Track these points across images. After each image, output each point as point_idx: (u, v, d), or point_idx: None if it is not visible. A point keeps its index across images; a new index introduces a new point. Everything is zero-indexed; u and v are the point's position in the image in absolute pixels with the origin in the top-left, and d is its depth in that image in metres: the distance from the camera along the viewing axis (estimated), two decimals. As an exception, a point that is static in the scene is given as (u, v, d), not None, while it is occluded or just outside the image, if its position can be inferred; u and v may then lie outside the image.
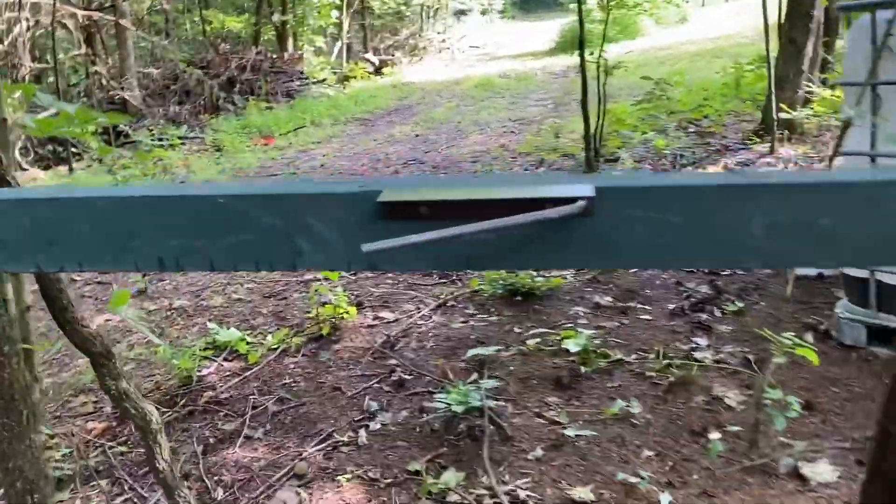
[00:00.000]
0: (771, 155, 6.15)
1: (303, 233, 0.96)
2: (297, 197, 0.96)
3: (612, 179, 0.93)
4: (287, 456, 2.85)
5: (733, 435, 2.68)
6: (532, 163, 7.22)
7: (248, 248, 0.99)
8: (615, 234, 0.92)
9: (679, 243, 0.91)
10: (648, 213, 0.90)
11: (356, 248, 0.95)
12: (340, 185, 0.99)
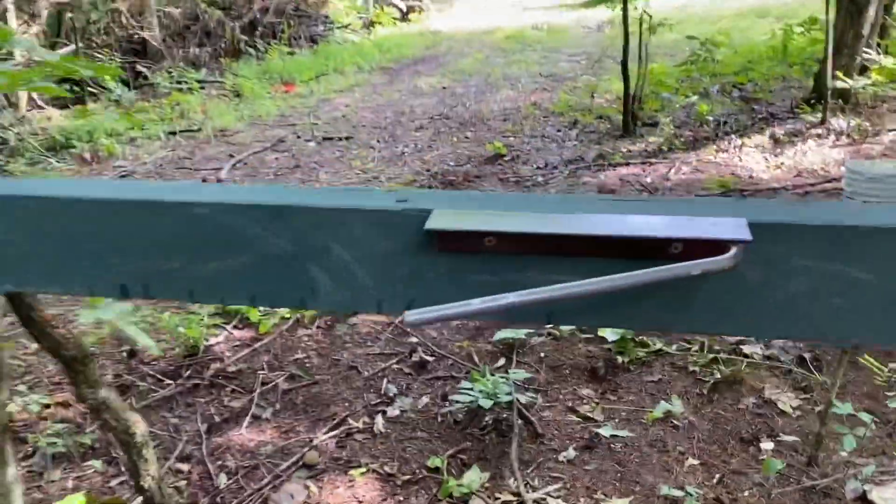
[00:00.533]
0: (822, 125, 5.76)
1: (319, 260, 0.69)
2: (313, 211, 0.69)
3: (767, 210, 0.65)
4: (297, 441, 2.64)
5: (789, 447, 2.42)
6: (565, 124, 6.86)
7: (243, 276, 0.72)
8: (766, 292, 0.64)
9: (863, 309, 0.63)
10: (822, 263, 0.62)
11: (392, 288, 0.69)
12: (372, 196, 0.71)
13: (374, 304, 0.71)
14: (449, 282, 0.69)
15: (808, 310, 0.64)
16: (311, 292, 0.71)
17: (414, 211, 0.67)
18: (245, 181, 5.97)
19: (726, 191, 4.80)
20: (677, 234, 0.61)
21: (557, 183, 5.27)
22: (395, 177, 5.72)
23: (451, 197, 0.70)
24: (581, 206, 0.67)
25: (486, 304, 0.54)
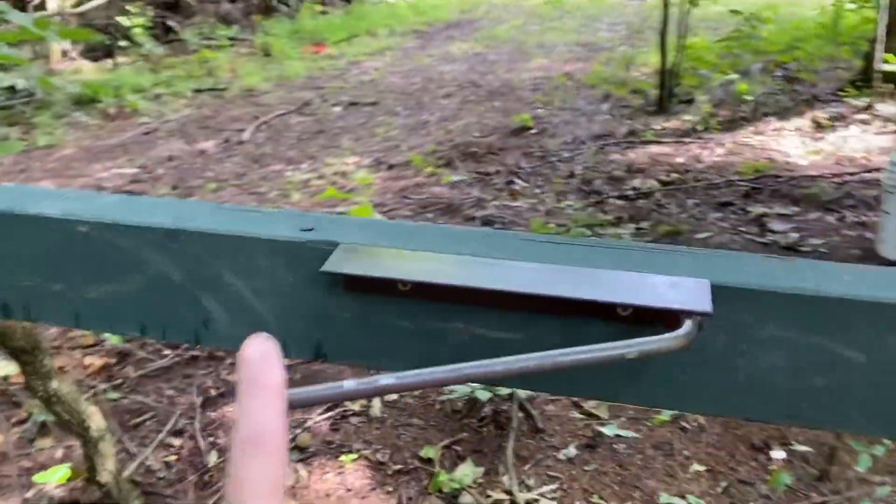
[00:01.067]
0: (867, 111, 5.48)
1: (215, 292, 0.59)
2: (211, 237, 0.58)
3: (737, 268, 0.53)
4: (291, 421, 2.57)
5: (800, 457, 2.29)
6: (598, 97, 6.65)
7: (134, 302, 0.62)
8: (732, 365, 0.53)
9: (849, 391, 0.52)
10: (802, 336, 0.51)
11: (297, 328, 0.59)
12: (278, 221, 0.60)
13: (279, 346, 0.60)
14: (360, 325, 0.58)
15: (783, 388, 0.52)
16: (205, 326, 0.61)
17: (320, 243, 0.56)
18: (267, 145, 5.89)
19: (760, 175, 4.59)
20: (624, 299, 0.49)
21: (584, 160, 5.10)
22: (416, 146, 5.59)
23: (365, 226, 0.59)
24: (510, 245, 0.56)
25: (360, 386, 0.43)
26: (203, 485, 2.30)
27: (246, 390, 0.35)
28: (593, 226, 3.98)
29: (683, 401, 0.55)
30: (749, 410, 0.54)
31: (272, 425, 0.34)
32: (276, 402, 0.35)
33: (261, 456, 0.33)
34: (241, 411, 0.35)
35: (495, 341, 0.55)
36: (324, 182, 4.96)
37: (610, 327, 0.53)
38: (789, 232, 3.87)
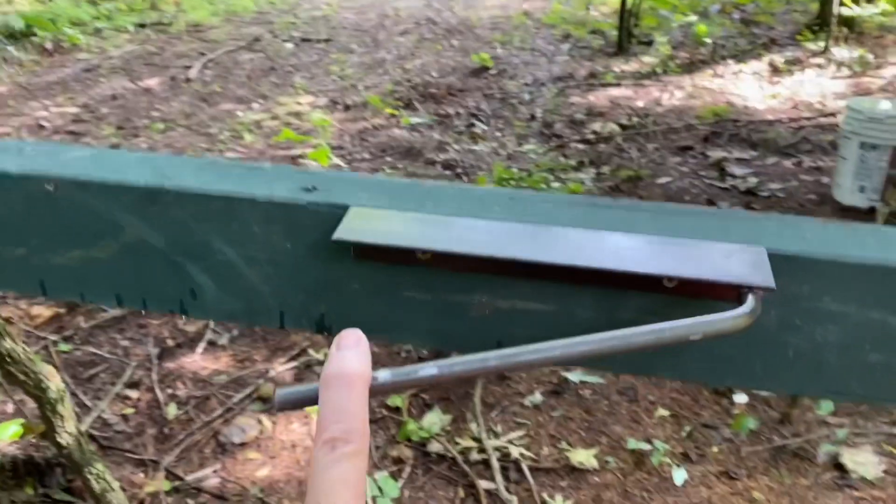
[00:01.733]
0: (823, 55, 5.51)
1: (202, 260, 0.53)
2: (197, 198, 0.51)
3: (792, 234, 0.48)
4: (253, 372, 2.51)
5: (763, 401, 2.33)
6: (557, 37, 6.54)
7: (107, 269, 0.56)
8: (784, 339, 0.49)
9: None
10: (861, 310, 0.47)
11: (297, 299, 0.53)
12: (274, 179, 0.53)
13: (275, 317, 0.54)
14: (371, 296, 0.52)
15: (834, 364, 0.49)
16: (192, 296, 0.55)
17: (324, 206, 0.49)
18: (216, 82, 5.66)
19: (719, 119, 4.60)
20: (672, 271, 0.44)
21: (544, 102, 5.03)
22: (373, 86, 5.43)
23: (374, 186, 0.52)
24: (540, 208, 0.50)
25: (398, 377, 0.38)
26: (163, 438, 2.24)
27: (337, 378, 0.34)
28: (555, 170, 3.94)
29: (725, 377, 0.51)
30: (794, 387, 0.50)
31: (360, 418, 0.32)
32: (365, 393, 0.34)
33: (353, 457, 0.31)
34: (330, 402, 0.33)
35: (520, 314, 0.50)
36: (277, 123, 4.80)
37: (648, 299, 0.48)
38: (748, 176, 3.89)
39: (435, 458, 2.14)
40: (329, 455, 0.31)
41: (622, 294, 0.48)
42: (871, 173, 3.30)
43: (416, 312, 0.51)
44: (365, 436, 0.32)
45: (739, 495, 1.99)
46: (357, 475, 0.31)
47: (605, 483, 2.04)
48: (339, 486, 0.30)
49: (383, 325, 0.53)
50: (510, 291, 0.49)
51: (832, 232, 0.47)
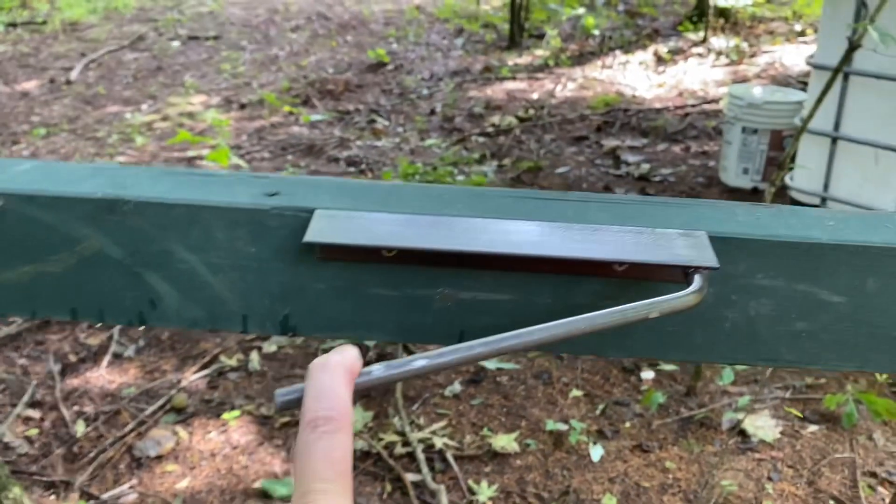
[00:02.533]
0: (703, 44, 5.81)
1: (163, 268, 0.52)
2: (157, 207, 0.51)
3: (726, 218, 0.53)
4: (163, 383, 2.44)
5: (668, 376, 2.46)
6: (451, 31, 6.60)
7: (62, 284, 0.55)
8: (721, 314, 0.54)
9: (829, 333, 0.54)
10: (789, 284, 0.52)
11: (261, 303, 0.53)
12: (234, 184, 0.53)
13: (238, 322, 0.55)
14: (336, 295, 0.53)
15: (766, 334, 0.54)
16: (152, 306, 0.54)
17: (288, 210, 0.50)
18: (100, 84, 5.40)
19: (610, 109, 4.78)
20: (623, 256, 0.47)
21: (443, 96, 5.08)
22: (268, 84, 5.33)
23: (335, 189, 0.53)
24: (498, 203, 0.53)
25: (391, 370, 0.39)
26: (73, 457, 2.15)
27: (324, 366, 0.35)
28: (459, 163, 3.99)
29: (670, 351, 0.55)
30: (731, 357, 0.55)
31: (344, 401, 0.33)
32: (350, 381, 0.35)
33: (336, 433, 0.32)
34: (316, 385, 0.34)
35: (482, 304, 0.53)
36: (169, 124, 4.64)
37: (601, 285, 0.52)
38: (641, 163, 4.07)
39: (359, 455, 2.15)
40: (311, 434, 0.32)
41: (577, 281, 0.52)
42: (754, 156, 3.53)
43: (381, 309, 0.53)
44: (347, 416, 0.33)
45: (653, 466, 2.10)
46: (341, 451, 0.32)
47: (527, 465, 2.10)
48: (321, 462, 0.31)
49: (349, 323, 0.54)
50: (472, 283, 0.52)
51: (761, 215, 0.52)
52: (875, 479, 2.04)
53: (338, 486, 0.31)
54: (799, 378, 2.42)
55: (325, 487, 0.30)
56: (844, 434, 2.20)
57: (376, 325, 0.54)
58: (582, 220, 0.51)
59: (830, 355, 0.54)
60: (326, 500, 0.30)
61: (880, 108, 2.77)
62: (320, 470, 0.31)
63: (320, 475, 0.31)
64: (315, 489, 0.30)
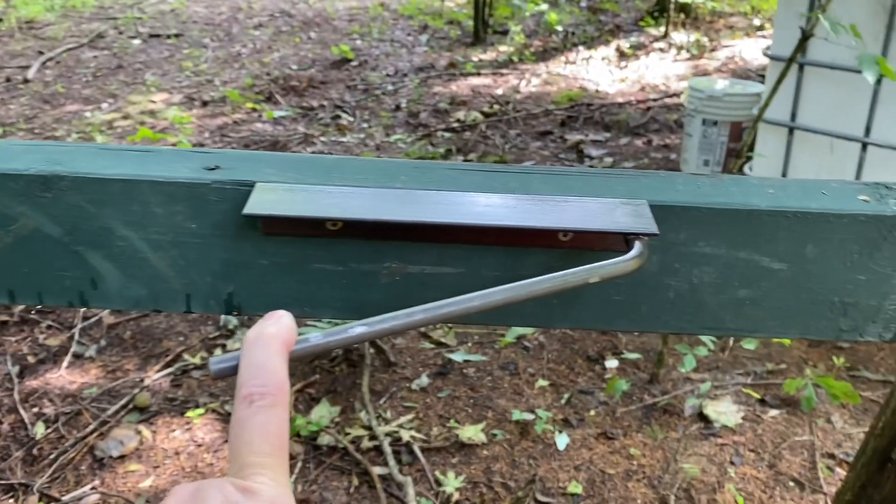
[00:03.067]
0: (664, 39, 5.88)
1: (102, 246, 0.51)
2: (95, 182, 0.50)
3: (668, 188, 0.53)
4: (126, 382, 2.40)
5: (632, 364, 2.49)
6: (415, 27, 6.59)
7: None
8: (665, 283, 0.54)
9: (771, 300, 0.55)
10: (730, 251, 0.53)
11: (204, 280, 0.52)
12: (173, 159, 0.53)
13: (181, 301, 0.54)
14: (280, 272, 0.53)
15: (710, 302, 0.54)
16: (93, 286, 0.53)
17: (228, 183, 0.50)
18: (58, 83, 5.30)
19: (574, 104, 4.81)
20: (567, 225, 0.48)
21: (408, 92, 5.07)
22: (231, 81, 5.28)
23: (278, 162, 0.53)
24: (443, 176, 0.53)
25: (329, 337, 0.39)
26: (32, 459, 2.10)
27: (257, 338, 0.35)
28: (425, 159, 3.99)
29: (615, 321, 0.55)
30: (676, 326, 0.56)
31: (279, 375, 0.33)
32: (284, 353, 0.35)
33: (271, 408, 0.32)
34: (250, 360, 0.34)
35: (430, 278, 0.53)
36: (131, 122, 4.57)
37: (548, 255, 0.52)
38: (604, 156, 4.11)
39: (326, 450, 2.14)
40: (247, 409, 0.32)
41: (523, 251, 0.52)
42: (714, 147, 3.58)
43: (327, 284, 0.53)
44: (282, 390, 0.33)
45: (618, 453, 2.12)
46: (277, 425, 0.32)
47: (494, 455, 2.11)
48: (258, 437, 0.31)
49: (295, 299, 0.53)
50: (419, 256, 0.52)
51: (702, 183, 0.53)
52: (833, 461, 2.08)
53: (274, 460, 0.31)
54: (759, 364, 2.46)
55: (262, 461, 0.30)
56: (804, 417, 2.24)
57: (323, 301, 0.53)
58: (526, 191, 0.51)
59: (773, 322, 0.55)
60: (263, 474, 0.30)
61: (834, 98, 2.83)
62: (256, 444, 0.31)
63: (256, 449, 0.31)
64: (251, 462, 0.30)
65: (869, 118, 2.75)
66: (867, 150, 2.80)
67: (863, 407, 2.28)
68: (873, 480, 1.05)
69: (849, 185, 0.54)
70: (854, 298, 0.53)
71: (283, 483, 0.30)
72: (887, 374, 2.41)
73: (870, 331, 0.55)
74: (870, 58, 1.79)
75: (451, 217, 0.47)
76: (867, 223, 0.51)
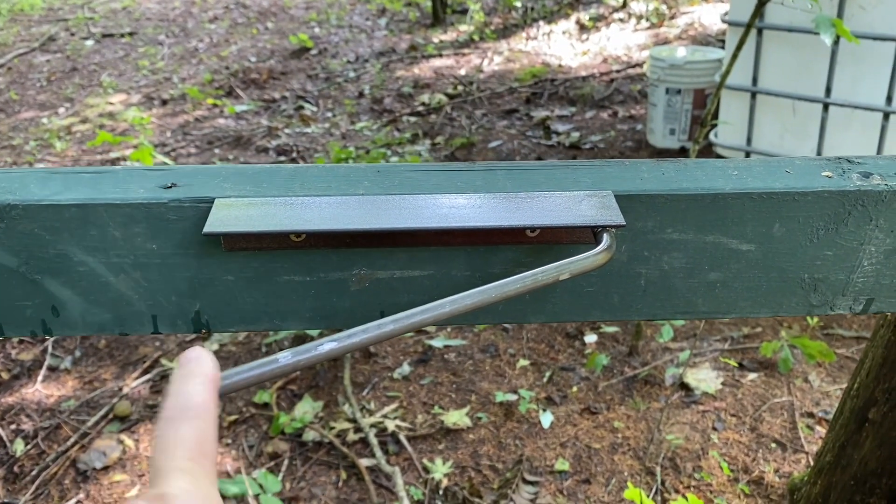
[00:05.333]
0: (623, 9, 5.88)
1: (61, 273, 0.50)
2: (49, 209, 0.49)
3: (631, 176, 0.53)
4: (104, 392, 2.37)
5: (610, 337, 2.51)
6: (373, 11, 6.52)
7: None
8: (636, 271, 0.54)
9: (742, 281, 0.55)
10: (699, 236, 0.53)
11: (169, 300, 0.51)
12: (129, 180, 0.51)
13: (148, 323, 0.53)
14: (247, 287, 0.52)
15: (680, 287, 0.55)
16: (55, 314, 0.52)
17: (187, 202, 0.48)
18: (11, 89, 5.18)
19: (537, 80, 4.80)
20: (532, 221, 0.47)
21: (370, 78, 5.02)
22: (189, 77, 5.19)
23: (235, 175, 0.52)
24: (404, 179, 0.52)
25: (298, 356, 0.38)
26: (13, 477, 2.07)
27: (179, 377, 0.35)
28: (392, 145, 3.96)
29: (589, 312, 0.55)
30: (648, 313, 0.56)
31: (200, 397, 0.34)
32: (206, 383, 0.35)
33: (188, 420, 0.32)
34: (171, 392, 0.35)
35: (399, 282, 0.52)
36: (90, 126, 4.48)
37: (516, 251, 0.52)
38: (571, 132, 4.11)
39: (312, 445, 2.13)
40: (165, 425, 0.32)
41: (491, 250, 0.51)
42: (679, 116, 3.59)
43: (295, 296, 0.52)
44: (201, 408, 0.33)
45: (602, 427, 2.14)
46: (196, 435, 0.32)
47: (480, 438, 2.12)
48: (173, 447, 0.31)
49: (263, 314, 0.53)
50: (388, 261, 0.51)
51: (665, 170, 0.53)
52: (812, 419, 2.12)
53: (194, 466, 0.31)
54: (735, 329, 2.50)
55: (180, 466, 0.31)
56: (782, 379, 2.28)
57: (292, 313, 0.53)
58: (491, 188, 0.51)
59: (745, 303, 0.55)
60: (181, 481, 0.30)
61: (794, 61, 2.85)
62: (175, 453, 0.31)
63: (173, 456, 0.31)
64: (168, 468, 0.30)
65: (829, 79, 2.78)
66: (829, 110, 2.83)
67: (838, 364, 2.32)
68: (852, 440, 1.07)
69: (812, 162, 0.54)
70: (823, 274, 0.54)
71: (203, 487, 0.30)
72: (860, 330, 2.46)
73: (840, 304, 0.56)
74: (826, 20, 1.80)
75: (417, 222, 0.47)
76: (831, 199, 0.51)
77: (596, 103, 4.45)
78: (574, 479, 1.97)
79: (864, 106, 2.74)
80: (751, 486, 1.92)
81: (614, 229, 0.48)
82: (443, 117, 4.35)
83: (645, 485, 1.93)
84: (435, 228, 0.47)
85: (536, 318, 0.54)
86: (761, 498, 1.88)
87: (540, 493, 1.93)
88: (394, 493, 1.94)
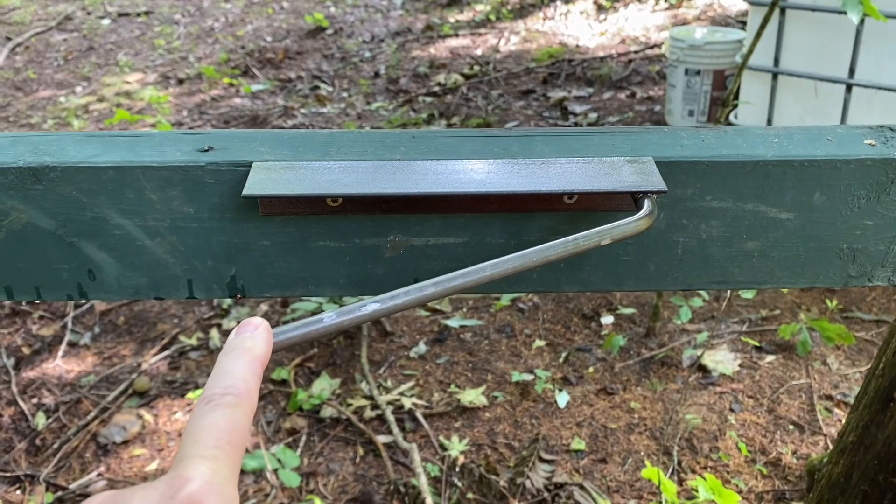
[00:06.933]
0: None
1: (98, 236, 0.50)
2: (86, 171, 0.49)
3: (671, 142, 0.52)
4: (123, 367, 2.39)
5: (627, 319, 2.50)
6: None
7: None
8: (673, 239, 0.54)
9: (780, 251, 0.54)
10: (738, 204, 0.52)
11: (205, 265, 0.51)
12: (165, 143, 0.51)
13: (183, 287, 0.53)
14: (282, 251, 0.52)
15: (717, 256, 0.54)
16: (91, 278, 0.52)
17: (224, 165, 0.48)
18: (29, 68, 5.20)
19: (555, 61, 4.76)
20: (571, 187, 0.47)
21: (386, 58, 5.00)
22: (206, 57, 5.19)
23: (272, 140, 0.51)
24: (441, 144, 0.52)
25: (342, 316, 0.38)
26: (35, 450, 2.10)
27: (230, 350, 0.35)
28: (408, 125, 3.95)
29: (624, 281, 0.55)
30: (685, 283, 0.55)
31: (243, 384, 0.33)
32: (254, 365, 0.34)
33: (224, 407, 0.31)
34: (216, 369, 0.34)
35: (434, 249, 0.52)
36: (107, 105, 4.49)
37: (553, 218, 0.51)
38: (588, 112, 4.08)
39: (329, 422, 2.14)
40: (203, 407, 0.32)
41: (527, 217, 0.51)
42: (698, 97, 3.56)
43: (330, 261, 0.52)
44: (245, 395, 0.33)
45: (618, 408, 2.14)
46: (229, 422, 0.31)
47: (496, 417, 2.13)
48: (205, 432, 0.30)
49: (298, 279, 0.53)
50: (422, 228, 0.51)
51: (706, 137, 0.52)
52: (831, 402, 2.11)
53: (218, 454, 0.30)
54: (754, 311, 2.48)
55: (205, 453, 0.30)
56: (800, 361, 2.26)
57: (327, 279, 0.52)
58: (528, 154, 0.50)
59: (782, 273, 0.55)
60: (202, 466, 0.29)
61: (816, 41, 2.81)
62: (203, 439, 0.30)
63: (201, 442, 0.30)
64: (192, 454, 0.30)
65: (852, 59, 2.74)
66: (852, 91, 2.79)
67: (857, 347, 2.30)
68: (876, 420, 1.06)
69: (854, 130, 0.53)
70: (862, 244, 0.53)
71: (224, 476, 0.29)
72: (880, 313, 2.44)
73: (878, 275, 0.55)
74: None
75: (453, 187, 0.46)
76: (874, 167, 0.50)
77: (614, 84, 4.42)
78: (590, 458, 1.97)
79: (889, 87, 2.70)
80: (768, 468, 1.91)
81: (655, 195, 0.47)
82: (459, 98, 4.33)
83: (662, 465, 1.94)
84: (471, 193, 0.46)
85: (571, 286, 0.54)
86: (779, 479, 1.88)
87: (556, 472, 1.93)
88: (411, 469, 1.95)
